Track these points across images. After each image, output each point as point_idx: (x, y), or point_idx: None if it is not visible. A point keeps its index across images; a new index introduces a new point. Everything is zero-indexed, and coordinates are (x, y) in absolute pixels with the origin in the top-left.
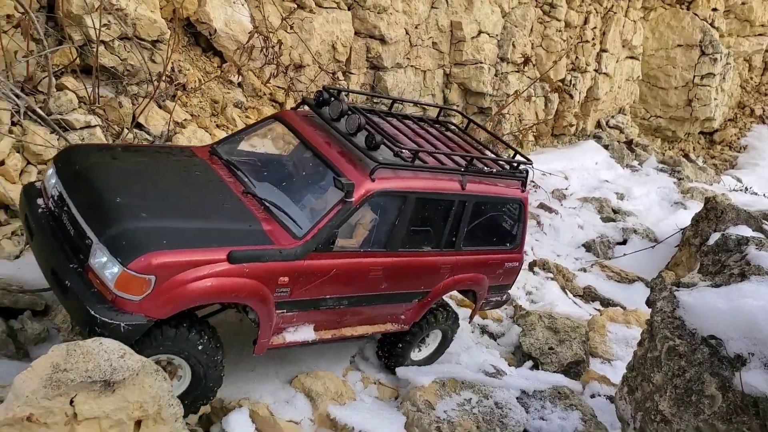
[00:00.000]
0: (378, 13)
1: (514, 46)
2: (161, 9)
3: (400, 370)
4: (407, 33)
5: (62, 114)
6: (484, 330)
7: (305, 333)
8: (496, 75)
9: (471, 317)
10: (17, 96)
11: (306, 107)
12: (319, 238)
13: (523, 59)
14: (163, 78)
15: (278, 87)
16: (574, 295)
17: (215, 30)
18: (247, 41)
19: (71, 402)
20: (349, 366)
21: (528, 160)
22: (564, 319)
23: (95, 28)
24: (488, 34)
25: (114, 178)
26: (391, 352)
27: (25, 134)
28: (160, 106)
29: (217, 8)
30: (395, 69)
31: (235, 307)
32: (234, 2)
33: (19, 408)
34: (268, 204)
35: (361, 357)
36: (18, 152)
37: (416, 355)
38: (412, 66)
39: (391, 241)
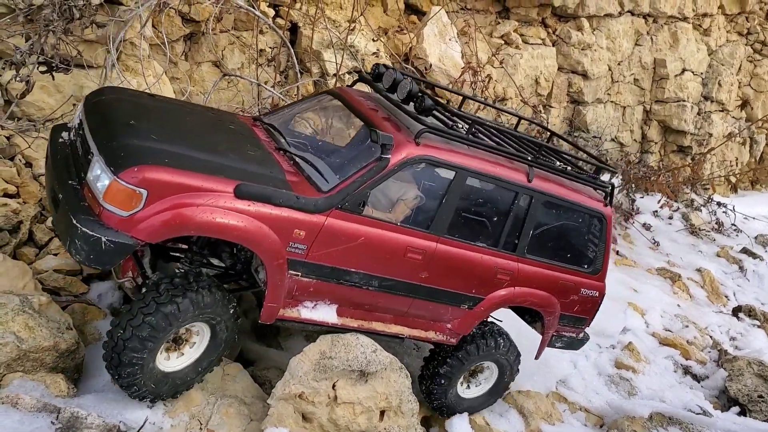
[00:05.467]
0: (582, 49)
1: (720, 84)
2: (384, 44)
3: (616, 401)
4: (610, 69)
5: None
6: (687, 370)
7: (325, 313)
8: (698, 114)
9: (538, 353)
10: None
11: (363, 84)
12: (344, 194)
13: (740, 102)
14: None
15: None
16: None
17: (430, 65)
18: (459, 76)
19: (333, 386)
20: (555, 391)
21: (613, 169)
22: None
23: (336, 63)
24: (692, 72)
25: (137, 109)
26: (434, 377)
27: None
28: None
29: (432, 45)
30: (595, 104)
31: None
32: (448, 39)
33: (294, 386)
34: (298, 159)
35: (565, 386)
36: None
37: (464, 390)
38: (612, 101)
39: (435, 222)
